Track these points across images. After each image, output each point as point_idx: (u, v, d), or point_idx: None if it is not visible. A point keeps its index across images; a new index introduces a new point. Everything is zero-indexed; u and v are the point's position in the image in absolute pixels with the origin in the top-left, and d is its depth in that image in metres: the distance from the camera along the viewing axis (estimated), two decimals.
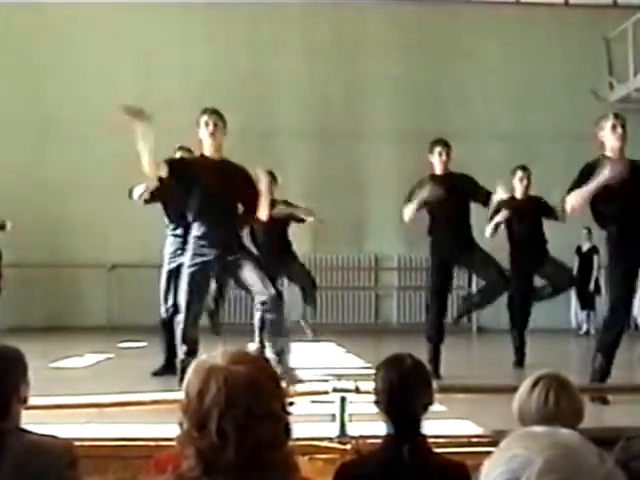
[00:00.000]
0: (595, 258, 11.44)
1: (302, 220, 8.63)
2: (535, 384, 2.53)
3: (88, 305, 11.91)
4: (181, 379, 4.47)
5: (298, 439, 1.94)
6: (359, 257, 12.50)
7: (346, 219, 12.00)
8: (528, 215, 7.78)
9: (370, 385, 2.71)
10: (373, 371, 2.70)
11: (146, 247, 11.68)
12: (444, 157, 7.20)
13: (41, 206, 11.65)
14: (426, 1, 12.62)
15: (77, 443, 2.68)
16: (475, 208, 7.27)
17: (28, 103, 11.97)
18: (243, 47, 12.41)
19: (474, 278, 12.33)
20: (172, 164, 6.05)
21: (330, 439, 4.18)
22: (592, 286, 11.47)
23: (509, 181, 7.87)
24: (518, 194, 7.85)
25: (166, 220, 7.20)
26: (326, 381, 4.56)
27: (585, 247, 11.59)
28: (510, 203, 7.57)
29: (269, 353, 5.60)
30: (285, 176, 12.76)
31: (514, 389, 2.62)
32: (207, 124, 6.06)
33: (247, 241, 6.60)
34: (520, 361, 7.58)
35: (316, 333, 9.69)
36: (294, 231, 8.97)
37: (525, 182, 7.88)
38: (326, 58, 12.54)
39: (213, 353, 1.70)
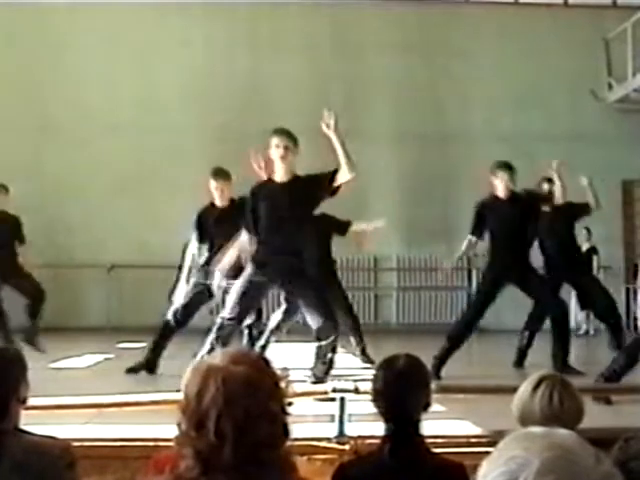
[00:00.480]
0: (595, 258, 11.41)
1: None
2: (538, 385, 2.53)
3: (87, 305, 11.91)
4: None
5: (297, 439, 1.94)
6: (358, 257, 12.50)
7: (345, 217, 11.97)
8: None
9: (369, 386, 2.71)
10: (372, 371, 2.70)
11: (145, 248, 11.71)
12: (507, 182, 7.14)
13: (40, 207, 11.64)
14: (426, 1, 12.62)
15: (76, 443, 2.68)
16: None
17: (28, 104, 11.97)
18: (243, 47, 12.41)
19: (474, 278, 12.36)
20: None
21: (329, 439, 4.18)
22: None
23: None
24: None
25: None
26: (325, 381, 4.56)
27: (584, 247, 11.56)
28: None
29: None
30: None
31: (514, 389, 2.62)
32: (277, 146, 5.77)
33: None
34: (520, 362, 7.57)
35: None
36: None
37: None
38: (326, 58, 12.54)
39: (213, 353, 1.70)
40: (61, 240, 11.66)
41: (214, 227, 7.01)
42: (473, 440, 4.19)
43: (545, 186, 7.91)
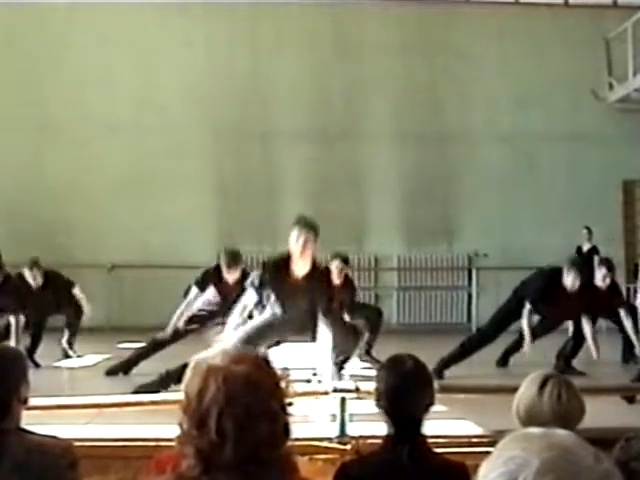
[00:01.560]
0: (595, 258, 11.35)
1: None
2: (544, 384, 2.53)
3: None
4: None
5: (298, 439, 1.94)
6: (359, 257, 12.49)
7: (346, 219, 12.00)
8: None
9: (370, 385, 2.71)
10: (373, 371, 2.70)
11: (146, 248, 11.71)
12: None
13: (41, 207, 11.65)
14: (426, 1, 12.62)
15: (77, 443, 2.69)
16: None
17: (28, 104, 11.96)
18: (243, 47, 12.41)
19: (474, 277, 12.36)
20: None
21: (330, 439, 4.18)
22: None
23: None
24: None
25: None
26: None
27: (585, 247, 11.55)
28: None
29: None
30: (285, 176, 12.81)
31: (514, 389, 2.62)
32: (297, 239, 5.58)
33: None
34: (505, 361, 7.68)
35: None
36: None
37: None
38: (326, 58, 12.54)
39: (212, 354, 1.70)
40: (61, 240, 11.65)
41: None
42: (474, 440, 4.20)
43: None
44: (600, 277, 7.56)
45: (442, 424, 4.16)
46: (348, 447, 4.11)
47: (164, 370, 6.39)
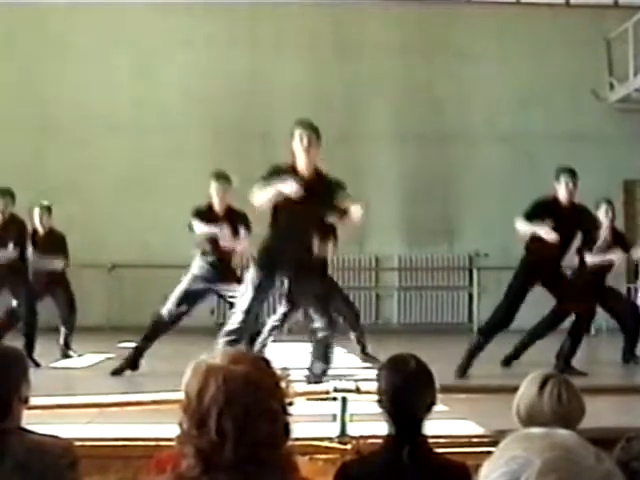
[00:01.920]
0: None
1: None
2: (544, 384, 2.53)
3: (88, 305, 11.86)
4: None
5: (298, 439, 1.94)
6: (360, 257, 12.50)
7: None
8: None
9: (371, 385, 2.71)
10: (374, 371, 2.70)
11: (146, 247, 11.71)
12: (571, 187, 7.14)
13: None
14: (426, 1, 12.62)
15: (78, 443, 2.69)
16: None
17: (28, 104, 11.97)
18: (243, 47, 12.41)
19: (474, 277, 12.36)
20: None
21: (330, 439, 4.18)
22: None
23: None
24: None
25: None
26: (327, 381, 4.56)
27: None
28: None
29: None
30: None
31: (515, 389, 2.62)
32: (301, 139, 5.68)
33: None
34: (509, 361, 7.61)
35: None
36: None
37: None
38: (326, 58, 12.54)
39: (213, 353, 1.70)
40: None
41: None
42: (475, 440, 4.20)
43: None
44: (603, 212, 7.75)
45: (443, 424, 4.16)
46: (349, 447, 4.11)
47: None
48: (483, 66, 12.66)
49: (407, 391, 2.53)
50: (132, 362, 6.95)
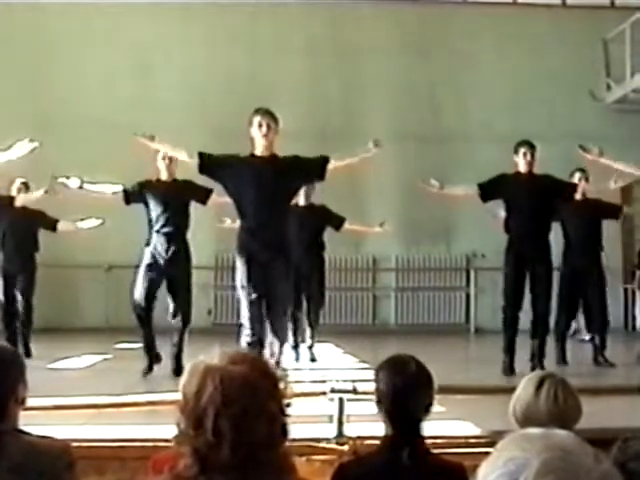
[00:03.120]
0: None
1: None
2: (540, 384, 2.53)
3: (85, 306, 11.90)
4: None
5: (296, 440, 1.94)
6: (357, 258, 12.50)
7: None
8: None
9: (368, 386, 2.71)
10: (371, 372, 2.70)
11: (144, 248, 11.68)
12: (529, 157, 7.38)
13: (40, 206, 11.62)
14: (424, 2, 12.62)
15: (75, 444, 2.68)
16: None
17: (27, 104, 11.95)
18: (242, 47, 12.40)
19: (472, 278, 12.36)
20: (204, 158, 6.25)
21: (328, 440, 4.18)
22: None
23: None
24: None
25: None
26: (324, 382, 4.56)
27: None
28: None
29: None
30: None
31: (512, 390, 2.62)
32: (260, 125, 5.94)
33: None
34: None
35: None
36: None
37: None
38: (325, 58, 12.54)
39: (211, 354, 1.70)
40: (59, 241, 11.63)
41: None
42: (472, 441, 4.20)
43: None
44: (576, 179, 7.86)
45: (440, 425, 4.16)
46: (346, 448, 4.11)
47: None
48: (481, 67, 12.67)
49: (407, 392, 2.53)
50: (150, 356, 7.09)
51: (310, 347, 8.31)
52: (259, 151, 5.98)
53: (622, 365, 7.93)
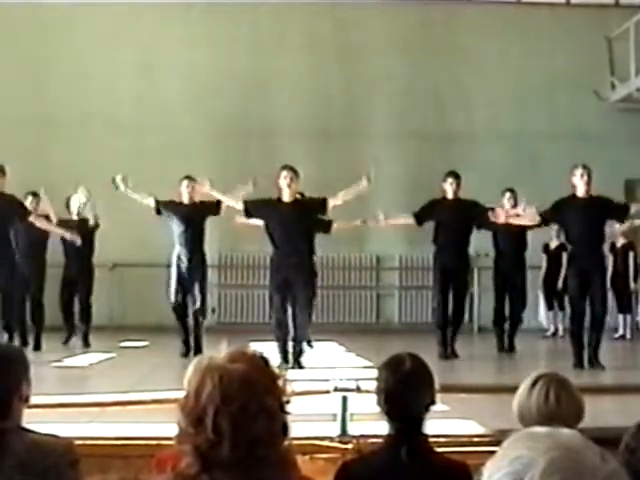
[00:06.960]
0: (564, 255, 10.54)
1: None
2: (534, 384, 2.53)
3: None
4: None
5: (299, 438, 1.94)
6: (361, 257, 12.49)
7: (347, 218, 11.98)
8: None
9: (371, 385, 2.71)
10: (374, 371, 2.70)
11: (147, 246, 11.69)
12: (454, 187, 8.77)
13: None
14: (428, 1, 12.61)
15: (79, 442, 2.69)
16: None
17: (28, 104, 11.96)
18: (244, 47, 12.40)
19: (475, 277, 12.34)
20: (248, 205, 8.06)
21: (331, 438, 4.18)
22: (560, 285, 10.62)
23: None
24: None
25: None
26: (327, 380, 4.56)
27: (553, 245, 11.26)
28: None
29: None
30: None
31: (514, 388, 2.62)
32: (285, 177, 7.80)
33: None
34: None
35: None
36: None
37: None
38: (327, 58, 12.53)
39: (216, 352, 1.70)
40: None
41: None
42: (476, 439, 4.20)
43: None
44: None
45: (443, 423, 4.16)
46: (349, 446, 4.11)
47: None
48: (484, 66, 12.66)
49: (402, 391, 2.53)
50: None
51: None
52: (285, 197, 7.85)
53: (624, 365, 7.93)
